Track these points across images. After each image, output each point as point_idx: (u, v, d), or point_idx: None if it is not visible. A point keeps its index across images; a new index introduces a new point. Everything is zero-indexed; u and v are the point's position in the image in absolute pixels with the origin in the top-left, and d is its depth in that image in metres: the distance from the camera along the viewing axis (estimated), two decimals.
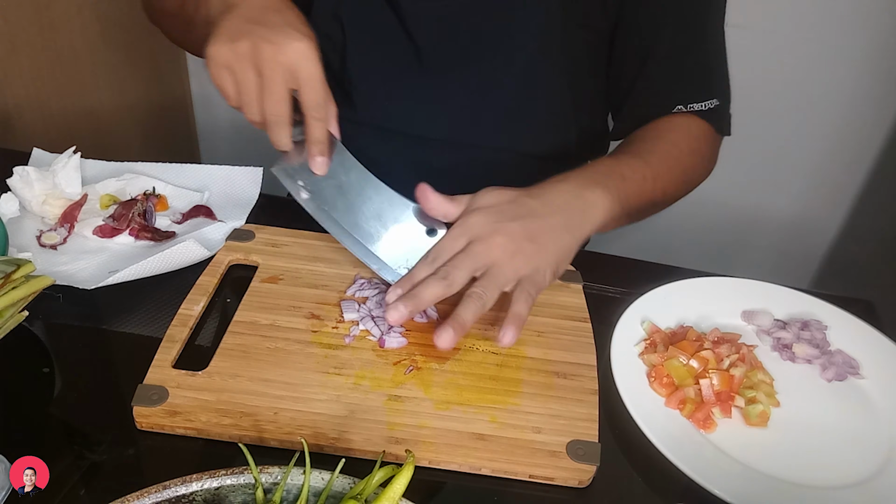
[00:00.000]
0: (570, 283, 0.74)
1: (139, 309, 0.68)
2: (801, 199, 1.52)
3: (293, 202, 0.69)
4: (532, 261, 0.62)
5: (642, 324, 0.69)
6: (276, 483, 0.46)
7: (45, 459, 0.48)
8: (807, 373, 0.67)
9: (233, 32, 0.61)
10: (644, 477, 0.58)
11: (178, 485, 0.45)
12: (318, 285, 0.70)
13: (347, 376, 0.61)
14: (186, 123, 1.68)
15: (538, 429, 0.58)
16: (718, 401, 0.61)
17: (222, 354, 0.62)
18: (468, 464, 0.55)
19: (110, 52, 1.35)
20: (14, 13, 1.11)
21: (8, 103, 1.14)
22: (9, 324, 0.58)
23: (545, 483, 0.55)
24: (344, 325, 0.66)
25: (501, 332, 0.59)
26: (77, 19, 1.25)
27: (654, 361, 0.64)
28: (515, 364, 0.64)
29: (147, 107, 1.50)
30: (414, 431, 0.56)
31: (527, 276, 0.61)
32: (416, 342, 0.65)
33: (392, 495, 0.44)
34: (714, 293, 0.74)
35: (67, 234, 0.75)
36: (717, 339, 0.67)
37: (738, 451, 0.58)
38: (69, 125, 1.28)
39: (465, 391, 0.60)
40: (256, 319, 0.65)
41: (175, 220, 0.79)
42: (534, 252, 0.62)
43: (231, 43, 0.60)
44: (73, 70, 1.26)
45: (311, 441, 0.55)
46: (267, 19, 0.62)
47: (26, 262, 0.59)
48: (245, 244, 0.74)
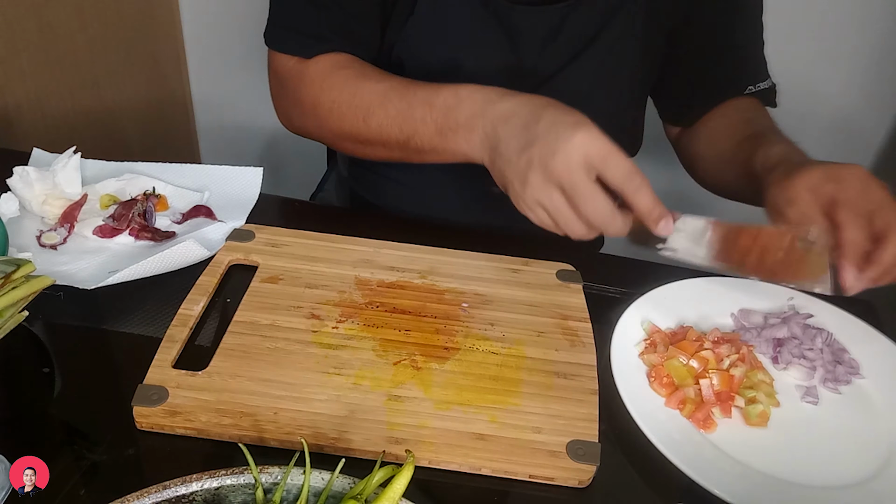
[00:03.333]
0: (570, 283, 0.74)
1: (139, 309, 0.68)
2: None
3: (293, 202, 0.69)
4: None
5: (642, 324, 0.69)
6: (276, 483, 0.46)
7: (45, 459, 0.48)
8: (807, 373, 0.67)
9: (517, 172, 0.61)
10: (644, 477, 0.58)
11: (178, 485, 0.45)
12: (318, 285, 0.70)
13: (347, 376, 0.61)
14: (186, 123, 1.68)
15: (538, 429, 0.58)
16: (718, 401, 0.61)
17: (222, 354, 0.62)
18: (468, 464, 0.55)
19: (110, 53, 1.35)
20: (14, 13, 1.11)
21: (8, 103, 1.14)
22: (9, 324, 0.58)
23: (545, 483, 0.55)
24: (344, 325, 0.66)
25: None
26: (77, 19, 1.25)
27: (654, 361, 0.64)
28: (515, 364, 0.64)
29: (147, 107, 1.50)
30: (414, 431, 0.56)
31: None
32: (416, 342, 0.65)
33: (392, 495, 0.44)
34: (714, 293, 0.74)
35: (67, 234, 0.75)
36: (717, 339, 0.67)
37: (738, 451, 0.58)
38: (69, 125, 1.28)
39: (465, 391, 0.60)
40: (256, 319, 0.65)
41: (175, 220, 0.79)
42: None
43: (523, 185, 0.61)
44: (73, 70, 1.26)
45: (311, 441, 0.55)
46: (531, 135, 0.61)
47: (26, 262, 0.59)
48: (245, 244, 0.74)
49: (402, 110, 0.72)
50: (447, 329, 0.67)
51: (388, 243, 0.76)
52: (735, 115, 0.86)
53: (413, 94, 0.72)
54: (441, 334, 0.66)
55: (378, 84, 0.75)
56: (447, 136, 0.69)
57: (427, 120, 0.70)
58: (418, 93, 0.71)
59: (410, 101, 0.72)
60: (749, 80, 0.87)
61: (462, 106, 0.67)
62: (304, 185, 1.22)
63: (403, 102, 0.72)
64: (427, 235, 0.77)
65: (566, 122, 0.60)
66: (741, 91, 0.87)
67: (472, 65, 0.83)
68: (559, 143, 0.58)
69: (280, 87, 0.84)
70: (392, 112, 0.73)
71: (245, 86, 1.59)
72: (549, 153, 0.59)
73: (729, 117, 0.87)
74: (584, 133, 0.58)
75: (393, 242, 0.76)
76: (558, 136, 0.59)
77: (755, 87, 0.87)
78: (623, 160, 0.59)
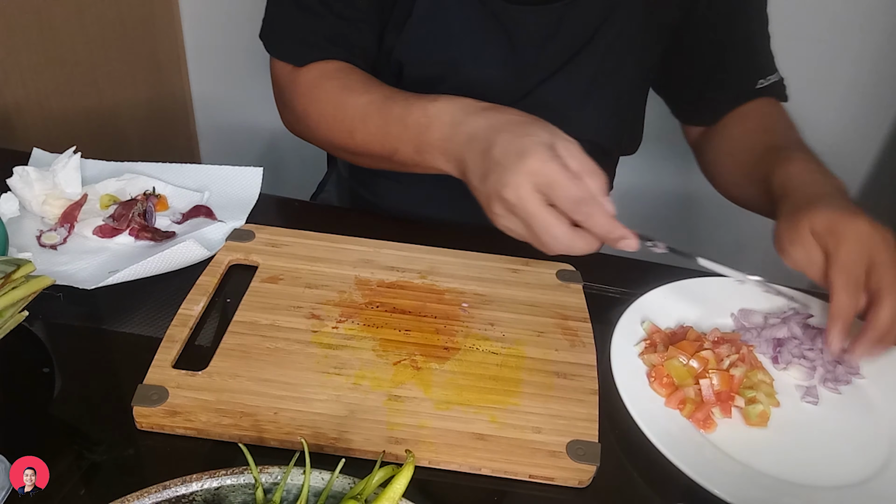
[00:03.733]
0: (570, 283, 0.74)
1: (139, 309, 0.68)
2: None
3: (293, 202, 0.69)
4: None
5: (642, 324, 0.69)
6: (276, 483, 0.46)
7: (45, 459, 0.48)
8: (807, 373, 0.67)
9: (484, 199, 0.61)
10: (644, 477, 0.58)
11: (178, 485, 0.45)
12: (318, 285, 0.70)
13: (347, 376, 0.61)
14: (186, 124, 1.68)
15: (538, 429, 0.58)
16: (718, 401, 0.61)
17: (222, 354, 0.62)
18: (468, 464, 0.55)
19: (110, 53, 1.35)
20: (14, 13, 1.11)
21: (8, 103, 1.14)
22: (9, 324, 0.58)
23: (545, 483, 0.55)
24: (344, 325, 0.66)
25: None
26: (77, 19, 1.25)
27: (654, 361, 0.64)
28: (515, 364, 0.64)
29: (147, 107, 1.50)
30: (414, 431, 0.56)
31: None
32: (416, 342, 0.65)
33: (392, 495, 0.44)
34: (714, 293, 0.74)
35: (67, 234, 0.75)
36: (717, 339, 0.67)
37: (738, 451, 0.58)
38: (69, 125, 1.28)
39: (465, 391, 0.60)
40: (256, 319, 0.65)
41: (175, 220, 0.79)
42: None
43: (490, 212, 0.61)
44: (73, 70, 1.26)
45: (311, 441, 0.55)
46: (488, 163, 0.60)
47: (26, 262, 0.59)
48: (245, 244, 0.74)
49: (380, 127, 0.72)
50: (447, 329, 0.67)
51: (388, 243, 0.76)
52: (753, 123, 0.85)
53: (389, 110, 0.72)
54: (441, 334, 0.66)
55: (360, 97, 0.75)
56: (424, 156, 0.69)
57: (404, 139, 0.70)
58: (394, 109, 0.71)
59: (387, 118, 0.71)
60: (758, 74, 0.86)
61: (432, 127, 0.67)
62: (304, 185, 1.22)
63: (381, 119, 0.72)
64: (427, 235, 0.77)
65: (516, 150, 0.59)
66: (752, 85, 0.86)
67: (472, 66, 0.83)
68: (507, 175, 0.58)
69: (276, 91, 0.85)
70: (372, 129, 0.73)
71: (245, 86, 1.59)
72: (501, 185, 0.58)
73: (747, 125, 0.86)
74: (531, 161, 0.57)
75: (393, 242, 0.76)
76: (506, 167, 0.58)
77: (766, 81, 0.86)
78: (570, 189, 0.57)
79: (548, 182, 0.57)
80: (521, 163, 0.58)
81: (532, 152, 0.58)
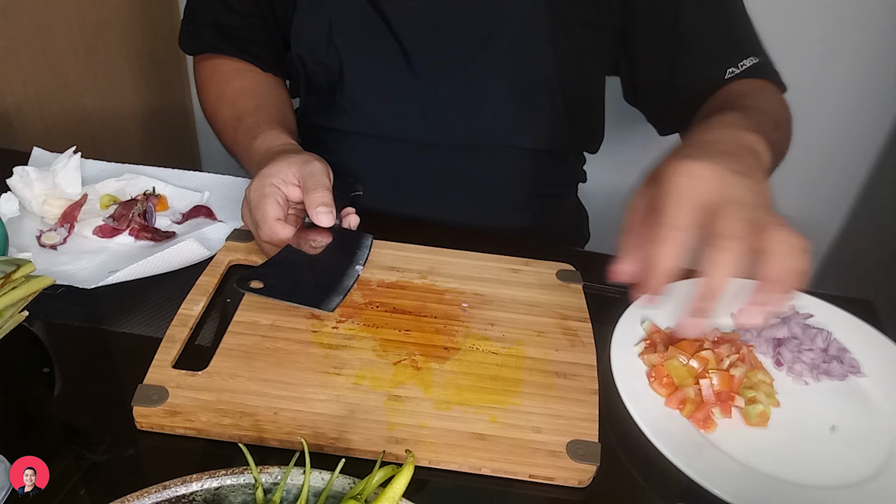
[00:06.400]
0: (570, 283, 0.74)
1: (139, 309, 0.68)
2: (801, 199, 1.51)
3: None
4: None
5: (642, 324, 0.69)
6: (276, 483, 0.46)
7: (45, 459, 0.48)
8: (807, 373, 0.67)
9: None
10: (644, 477, 0.58)
11: (178, 485, 0.45)
12: None
13: (347, 376, 0.61)
14: (186, 126, 1.68)
15: (538, 429, 0.58)
16: (718, 401, 0.61)
17: (222, 354, 0.62)
18: (468, 464, 0.55)
19: (110, 54, 1.35)
20: (14, 13, 1.11)
21: (8, 103, 1.14)
22: (9, 324, 0.58)
23: (545, 483, 0.55)
24: (344, 325, 0.66)
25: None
26: (77, 20, 1.24)
27: (654, 361, 0.64)
28: (515, 364, 0.64)
29: (147, 109, 1.50)
30: (414, 431, 0.56)
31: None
32: (416, 342, 0.65)
33: (392, 495, 0.44)
34: None
35: (67, 234, 0.75)
36: (717, 339, 0.67)
37: (738, 451, 0.58)
38: (69, 125, 1.28)
39: (465, 391, 0.60)
40: (256, 319, 0.65)
41: (175, 220, 0.79)
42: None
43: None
44: (73, 71, 1.26)
45: (311, 441, 0.55)
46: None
47: (26, 262, 0.59)
48: (245, 244, 0.74)
49: (232, 146, 0.84)
50: (447, 329, 0.67)
51: (388, 243, 0.76)
52: (719, 100, 0.78)
53: (234, 141, 0.82)
54: (441, 334, 0.66)
55: (226, 111, 0.85)
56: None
57: (244, 160, 0.81)
58: (238, 140, 0.81)
59: (236, 139, 0.82)
60: (725, 64, 0.80)
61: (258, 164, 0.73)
62: None
63: (232, 140, 0.83)
64: (427, 235, 0.77)
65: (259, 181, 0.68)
66: (720, 76, 0.80)
67: (363, 59, 0.84)
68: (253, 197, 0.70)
69: None
70: (229, 142, 0.84)
71: None
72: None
73: (711, 104, 0.79)
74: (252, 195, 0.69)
75: (393, 242, 0.76)
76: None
77: (737, 68, 0.80)
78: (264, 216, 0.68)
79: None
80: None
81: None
